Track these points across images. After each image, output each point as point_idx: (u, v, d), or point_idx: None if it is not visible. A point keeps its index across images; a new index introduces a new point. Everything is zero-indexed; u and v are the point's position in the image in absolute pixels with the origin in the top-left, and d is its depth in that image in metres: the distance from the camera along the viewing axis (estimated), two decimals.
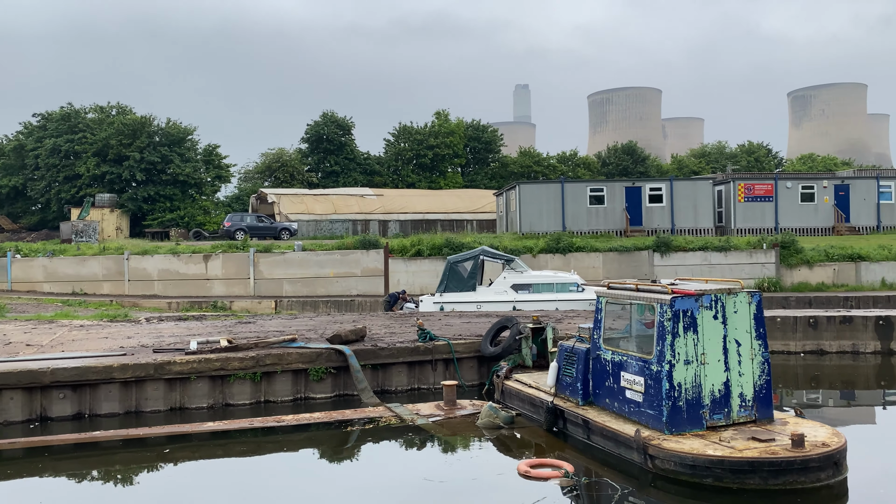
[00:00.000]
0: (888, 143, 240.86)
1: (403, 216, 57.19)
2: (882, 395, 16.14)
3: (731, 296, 9.64)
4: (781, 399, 15.95)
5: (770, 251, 29.17)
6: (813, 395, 16.28)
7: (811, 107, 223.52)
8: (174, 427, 11.84)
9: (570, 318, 18.84)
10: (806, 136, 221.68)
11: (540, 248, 31.18)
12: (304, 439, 11.40)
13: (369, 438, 11.22)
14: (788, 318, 18.39)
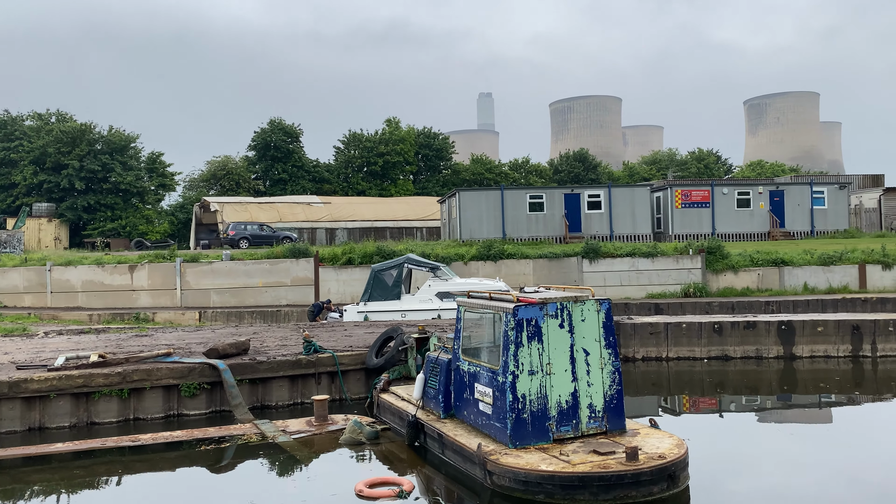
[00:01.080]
0: (840, 150, 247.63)
1: (351, 224, 56.63)
2: (773, 400, 16.14)
3: (577, 304, 9.40)
4: (686, 405, 15.87)
5: (696, 257, 29.36)
6: (709, 400, 16.23)
7: (766, 115, 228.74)
8: (24, 449, 11.18)
9: None
10: (762, 144, 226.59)
11: (471, 255, 30.92)
12: (164, 459, 10.84)
13: (220, 457, 10.72)
14: (693, 324, 18.37)
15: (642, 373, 18.48)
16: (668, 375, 18.27)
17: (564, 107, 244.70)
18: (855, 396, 16.18)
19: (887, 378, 17.43)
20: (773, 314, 19.88)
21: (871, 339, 17.98)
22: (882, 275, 28.21)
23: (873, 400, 16.14)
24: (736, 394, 17.01)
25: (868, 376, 17.59)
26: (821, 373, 17.78)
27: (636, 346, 18.54)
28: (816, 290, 28.24)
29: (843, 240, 37.81)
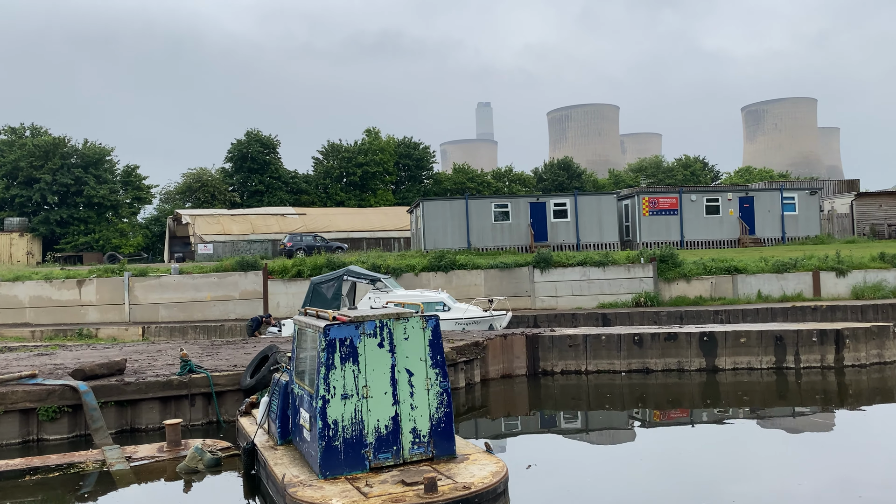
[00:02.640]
0: (839, 155, 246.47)
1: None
2: (690, 414, 15.43)
3: (400, 321, 8.79)
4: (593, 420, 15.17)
5: (648, 265, 28.69)
6: (615, 415, 15.53)
7: (764, 121, 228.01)
8: None
9: None
10: (760, 150, 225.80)
11: (423, 266, 30.35)
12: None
13: (33, 492, 10.07)
14: (613, 336, 17.71)
15: (561, 387, 17.82)
16: (587, 389, 17.61)
17: (562, 115, 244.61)
18: (761, 411, 15.48)
19: (810, 390, 16.70)
20: (694, 325, 19.17)
21: (794, 350, 17.27)
22: (836, 282, 27.47)
23: (794, 414, 15.44)
24: (657, 407, 16.34)
25: (792, 388, 16.88)
26: (743, 385, 17.07)
27: (555, 360, 17.89)
28: (770, 299, 27.53)
29: (813, 246, 37.09)
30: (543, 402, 17.48)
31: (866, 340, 17.30)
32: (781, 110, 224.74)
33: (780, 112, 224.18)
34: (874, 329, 17.49)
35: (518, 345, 17.68)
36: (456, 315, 24.37)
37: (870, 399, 16.35)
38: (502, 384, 17.74)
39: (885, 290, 26.70)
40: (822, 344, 17.23)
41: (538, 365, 17.87)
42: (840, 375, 17.19)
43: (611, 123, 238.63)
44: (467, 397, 16.57)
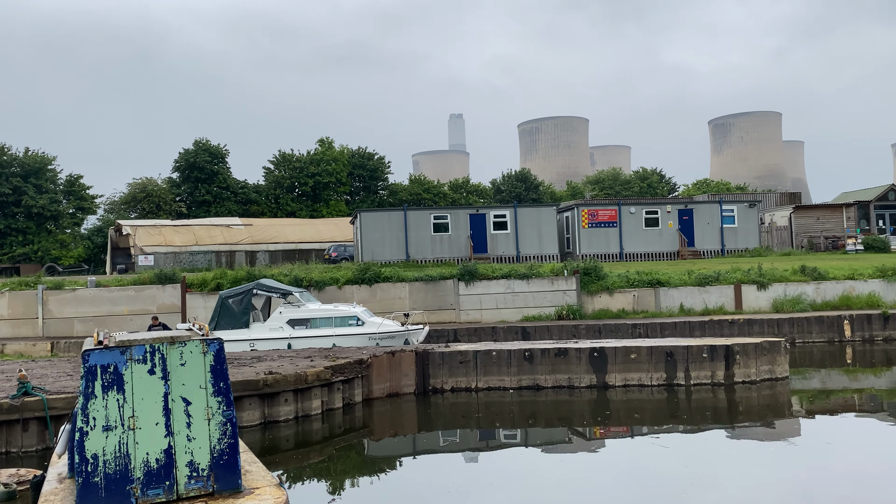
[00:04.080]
0: (804, 168, 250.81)
1: (273, 246, 55.10)
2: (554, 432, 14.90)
3: (175, 346, 8.12)
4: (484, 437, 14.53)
5: (571, 278, 28.31)
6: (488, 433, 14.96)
7: (730, 134, 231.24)
8: None
9: (270, 359, 17.18)
10: (727, 162, 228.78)
11: (346, 279, 29.66)
12: None
13: None
14: (503, 352, 17.17)
15: (451, 404, 17.23)
16: (476, 407, 17.04)
17: (532, 127, 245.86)
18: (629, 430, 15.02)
19: (700, 408, 16.31)
20: (586, 340, 18.71)
21: (684, 366, 16.88)
22: (757, 295, 27.32)
23: (684, 431, 14.99)
24: (548, 426, 15.80)
25: (682, 405, 16.47)
26: (633, 402, 16.64)
27: (445, 377, 17.30)
28: (692, 312, 27.29)
29: (751, 258, 37.09)
30: (433, 421, 16.87)
31: (757, 356, 16.97)
32: (747, 124, 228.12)
33: (745, 125, 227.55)
34: (765, 345, 17.18)
35: (407, 362, 17.08)
36: (370, 329, 23.72)
37: (760, 416, 16.00)
38: (388, 403, 17.09)
39: (804, 303, 26.59)
40: (713, 360, 16.86)
41: (428, 382, 17.27)
42: (730, 392, 16.82)
43: (580, 136, 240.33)
44: (345, 418, 15.90)
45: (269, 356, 17.56)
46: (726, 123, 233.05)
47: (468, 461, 13.57)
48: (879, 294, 26.72)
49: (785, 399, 16.93)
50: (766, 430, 14.70)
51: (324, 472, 13.19)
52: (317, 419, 15.18)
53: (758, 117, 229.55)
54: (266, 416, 14.31)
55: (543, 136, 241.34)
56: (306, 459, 13.79)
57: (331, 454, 14.01)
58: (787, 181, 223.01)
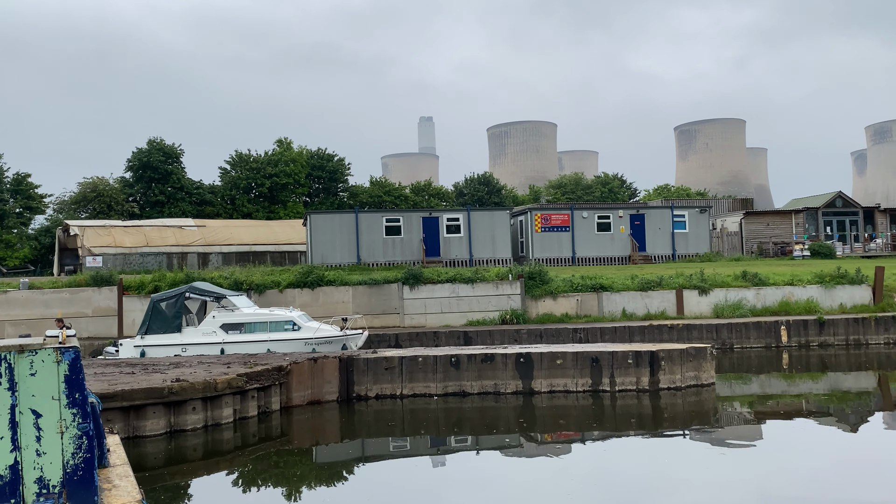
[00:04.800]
0: (767, 175, 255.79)
1: (227, 248, 54.01)
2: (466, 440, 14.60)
3: (25, 355, 7.60)
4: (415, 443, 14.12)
5: (516, 282, 28.13)
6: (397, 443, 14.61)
7: (696, 141, 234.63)
8: None
9: (188, 365, 16.60)
10: (692, 168, 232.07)
11: (288, 282, 29.08)
12: None
13: None
14: (430, 358, 16.84)
15: (375, 412, 16.86)
16: (402, 414, 16.68)
17: (501, 131, 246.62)
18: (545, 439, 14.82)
19: (625, 414, 16.16)
20: (523, 346, 18.49)
21: (609, 372, 16.74)
22: (699, 300, 27.43)
23: (603, 438, 14.81)
24: (473, 432, 15.50)
25: (607, 412, 16.32)
26: (559, 409, 16.44)
27: (369, 384, 16.91)
28: (634, 317, 27.30)
29: (701, 263, 37.32)
30: (357, 429, 16.48)
31: (682, 362, 16.90)
32: (712, 130, 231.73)
33: (710, 132, 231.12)
34: (691, 351, 17.12)
35: (329, 368, 16.64)
36: (306, 335, 23.20)
37: (685, 423, 15.91)
38: (309, 411, 16.64)
39: (745, 308, 26.76)
40: (638, 366, 16.75)
41: (352, 389, 16.86)
42: (655, 398, 16.72)
43: (548, 140, 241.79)
44: (261, 427, 15.41)
45: (188, 362, 16.99)
46: (692, 130, 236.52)
47: (393, 469, 13.21)
48: (817, 300, 27.02)
49: (710, 405, 16.89)
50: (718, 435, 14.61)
51: (228, 482, 12.72)
52: (228, 428, 14.68)
53: (722, 124, 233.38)
54: (172, 425, 13.77)
55: (512, 141, 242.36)
56: (214, 469, 13.31)
57: (243, 463, 13.54)
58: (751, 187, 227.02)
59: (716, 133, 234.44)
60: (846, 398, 18.66)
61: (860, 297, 27.28)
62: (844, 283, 27.24)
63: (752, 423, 16.02)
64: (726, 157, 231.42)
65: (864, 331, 25.34)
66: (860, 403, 18.09)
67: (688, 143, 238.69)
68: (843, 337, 25.34)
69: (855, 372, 22.43)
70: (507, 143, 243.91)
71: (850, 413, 16.76)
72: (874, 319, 25.43)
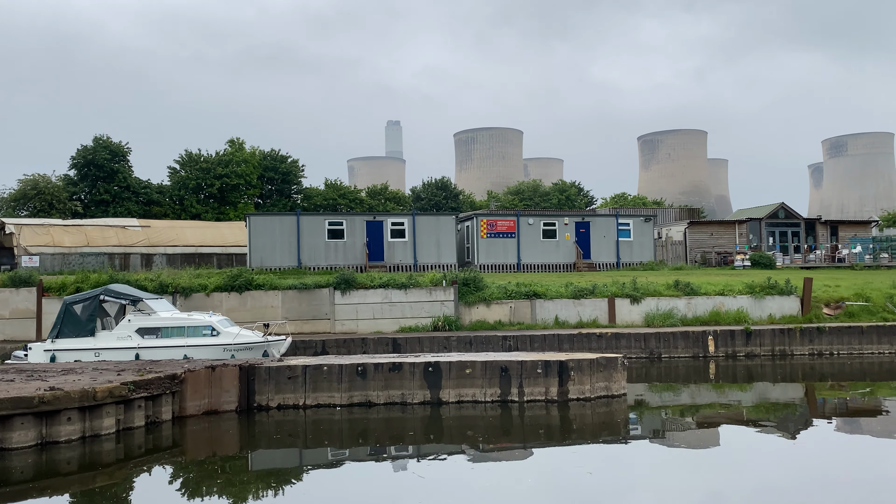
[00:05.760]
0: (727, 185, 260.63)
1: (172, 249, 52.66)
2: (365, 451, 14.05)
3: None
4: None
5: (449, 289, 27.71)
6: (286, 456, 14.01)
7: (658, 151, 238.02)
8: None
9: (77, 371, 15.75)
10: (654, 178, 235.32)
11: (215, 285, 28.22)
12: None
13: None
14: (334, 367, 16.27)
15: (277, 422, 16.20)
16: (304, 426, 16.07)
17: (468, 137, 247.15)
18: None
19: (534, 425, 15.79)
20: (436, 354, 18.03)
21: (518, 382, 16.37)
22: (630, 309, 27.32)
23: (519, 448, 14.38)
24: (378, 442, 14.94)
25: (515, 423, 15.93)
26: (467, 420, 15.99)
27: (271, 393, 16.26)
28: (567, 325, 27.08)
29: (644, 271, 37.42)
30: (256, 440, 15.80)
31: (592, 373, 16.61)
32: (674, 141, 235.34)
33: (673, 142, 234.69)
34: (602, 361, 16.85)
35: (229, 377, 15.95)
36: (225, 340, 22.44)
37: (594, 434, 15.59)
38: (205, 422, 15.92)
39: (675, 317, 26.73)
40: (547, 376, 16.40)
41: (253, 399, 16.19)
42: (563, 409, 16.39)
43: (514, 147, 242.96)
44: (148, 438, 14.66)
45: (81, 369, 16.17)
46: (654, 140, 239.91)
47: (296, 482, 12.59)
48: (747, 310, 27.12)
49: (621, 416, 16.61)
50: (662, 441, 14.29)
51: (103, 497, 11.98)
52: (109, 439, 13.91)
53: (684, 135, 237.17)
54: (44, 437, 12.96)
55: (479, 147, 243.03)
56: (89, 483, 12.54)
57: (125, 476, 12.81)
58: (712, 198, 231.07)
59: (678, 143, 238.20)
60: (765, 409, 18.60)
61: (789, 307, 27.46)
62: (774, 294, 27.39)
63: (663, 435, 15.78)
64: (688, 167, 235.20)
65: (789, 342, 25.47)
66: (772, 414, 18.01)
67: (650, 153, 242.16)
68: (769, 347, 25.44)
69: (781, 383, 22.42)
70: (474, 148, 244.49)
71: (764, 423, 16.66)
72: (799, 330, 25.57)
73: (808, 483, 12.29)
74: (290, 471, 13.59)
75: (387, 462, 13.74)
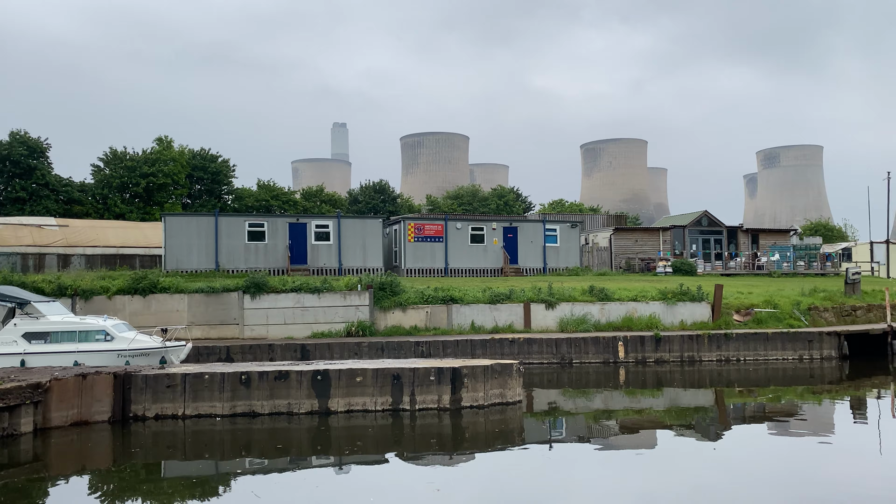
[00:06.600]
0: (666, 194, 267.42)
1: (92, 250, 50.34)
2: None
3: None
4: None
5: (364, 293, 27.11)
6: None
7: (600, 159, 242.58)
8: None
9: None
10: (596, 186, 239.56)
11: (117, 288, 26.90)
12: None
13: None
14: (216, 375, 15.47)
15: (154, 434, 15.30)
16: (183, 437, 15.21)
17: (415, 141, 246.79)
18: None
19: (425, 434, 15.34)
20: (329, 362, 17.47)
21: (410, 390, 15.92)
22: (546, 314, 27.27)
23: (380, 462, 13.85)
24: (262, 455, 14.20)
25: (406, 432, 15.44)
26: (357, 430, 15.43)
27: (148, 403, 15.35)
28: (482, 330, 26.83)
29: (568, 277, 37.55)
30: (131, 453, 14.86)
31: (487, 379, 16.29)
32: (616, 149, 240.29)
33: (614, 151, 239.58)
34: (497, 367, 16.56)
35: (101, 386, 14.99)
36: (119, 346, 21.28)
37: (487, 442, 15.21)
38: (74, 433, 14.91)
39: (589, 323, 26.79)
40: (440, 384, 16.00)
41: (129, 409, 15.25)
42: (456, 417, 16.01)
43: (461, 152, 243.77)
44: (2, 452, 13.59)
45: None
46: (596, 148, 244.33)
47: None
48: (659, 316, 27.40)
49: (515, 424, 16.32)
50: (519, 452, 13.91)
51: None
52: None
53: (625, 144, 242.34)
54: None
55: (425, 151, 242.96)
56: None
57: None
58: (651, 206, 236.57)
59: (619, 152, 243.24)
60: (676, 413, 18.64)
61: (700, 314, 27.87)
62: (686, 301, 27.75)
63: (555, 441, 15.55)
64: (628, 175, 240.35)
65: (697, 348, 25.81)
66: (685, 419, 18.05)
67: (592, 161, 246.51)
68: (678, 353, 25.73)
69: (691, 389, 22.59)
70: (420, 153, 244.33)
71: (680, 427, 16.63)
72: (707, 337, 25.95)
73: (737, 483, 12.45)
74: (167, 482, 12.77)
75: (273, 475, 13.07)
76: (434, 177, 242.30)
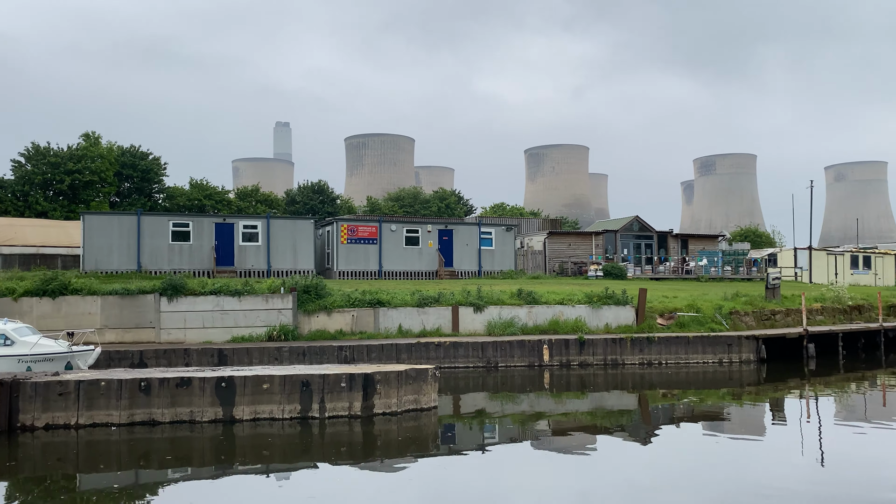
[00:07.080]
0: (607, 199, 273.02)
1: (9, 249, 47.71)
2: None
3: None
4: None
5: (288, 296, 26.40)
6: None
7: (544, 164, 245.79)
8: None
9: None
10: (539, 190, 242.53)
11: (24, 289, 25.44)
12: None
13: None
14: (113, 382, 14.65)
15: (43, 445, 14.36)
16: (76, 448, 14.32)
17: (359, 142, 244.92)
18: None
19: (335, 442, 14.87)
20: (235, 368, 16.84)
21: (320, 397, 15.45)
22: (474, 317, 27.13)
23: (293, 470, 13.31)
24: (162, 466, 13.43)
25: (315, 441, 14.94)
26: (262, 438, 14.84)
27: (38, 411, 14.41)
28: (410, 333, 26.48)
29: (502, 279, 37.59)
30: (20, 466, 13.88)
31: (400, 385, 15.96)
32: (558, 155, 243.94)
33: (557, 156, 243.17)
34: (411, 373, 16.24)
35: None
36: (20, 350, 20.04)
37: (400, 450, 14.83)
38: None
39: (516, 326, 26.78)
40: (351, 390, 15.58)
41: (16, 419, 14.28)
42: (368, 424, 15.60)
43: (406, 154, 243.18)
44: None
45: None
46: (540, 153, 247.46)
47: None
48: (585, 319, 27.62)
49: (430, 431, 16.01)
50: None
51: None
52: None
53: (568, 150, 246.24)
54: None
55: (370, 152, 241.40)
56: None
57: None
58: (592, 211, 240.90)
59: (561, 157, 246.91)
60: (603, 415, 18.65)
61: (625, 317, 28.21)
62: (611, 304, 28.05)
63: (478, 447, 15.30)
64: (571, 180, 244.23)
65: (621, 351, 26.10)
66: (609, 421, 18.08)
67: (536, 166, 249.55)
68: (601, 357, 25.95)
69: (615, 391, 22.75)
70: (365, 154, 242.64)
71: (609, 429, 16.60)
72: (630, 340, 26.27)
73: (668, 482, 12.63)
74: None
75: (172, 485, 12.37)
76: (379, 178, 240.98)
